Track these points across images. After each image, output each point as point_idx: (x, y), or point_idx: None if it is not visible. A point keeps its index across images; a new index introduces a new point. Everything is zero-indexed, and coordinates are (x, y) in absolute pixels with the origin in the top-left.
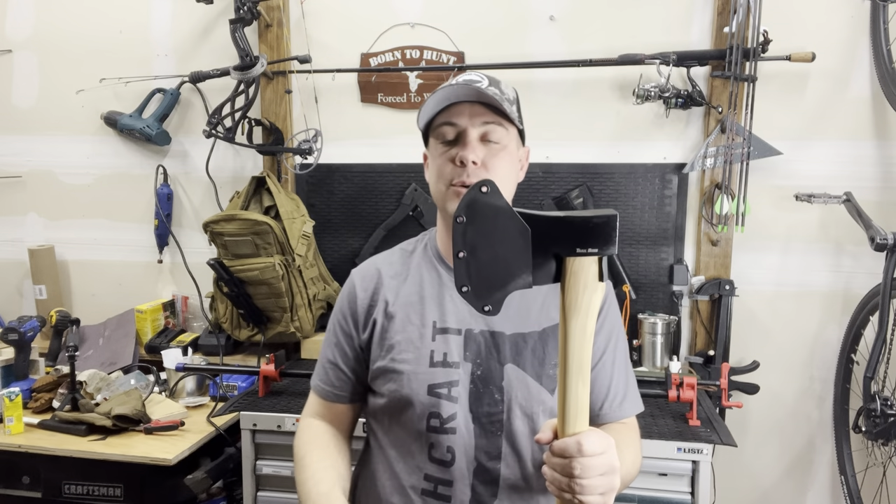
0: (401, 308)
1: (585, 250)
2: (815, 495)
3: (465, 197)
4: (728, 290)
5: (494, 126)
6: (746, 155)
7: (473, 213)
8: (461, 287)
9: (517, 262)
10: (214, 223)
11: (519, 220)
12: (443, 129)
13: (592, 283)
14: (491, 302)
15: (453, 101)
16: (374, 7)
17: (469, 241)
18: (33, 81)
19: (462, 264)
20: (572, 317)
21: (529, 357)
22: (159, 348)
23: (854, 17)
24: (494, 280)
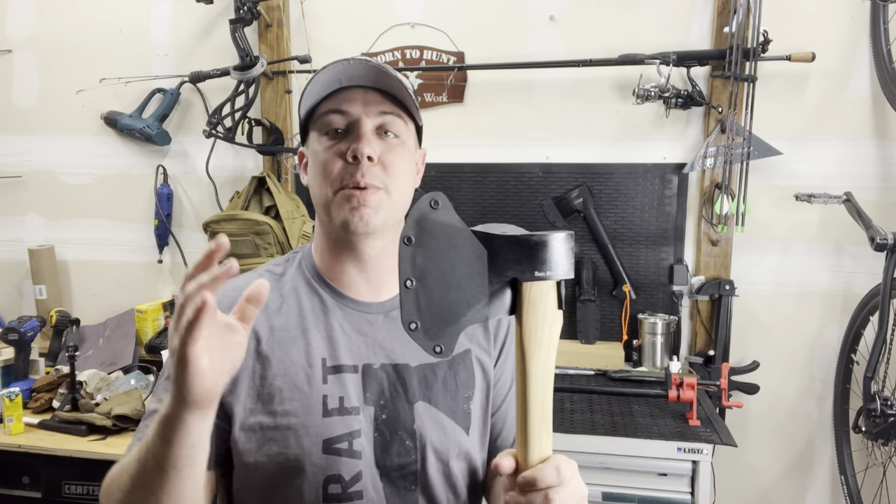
0: (278, 345)
1: (544, 274)
2: (815, 495)
3: (413, 213)
4: (728, 290)
5: (393, 118)
6: (746, 155)
7: (423, 234)
8: (409, 324)
9: (473, 290)
10: (214, 223)
11: (475, 242)
12: (329, 117)
13: (552, 311)
14: (443, 340)
15: (345, 83)
16: (374, 7)
17: (419, 267)
18: (33, 81)
19: (410, 296)
20: (533, 353)
21: (441, 391)
22: (159, 348)
23: (854, 17)
24: (448, 313)
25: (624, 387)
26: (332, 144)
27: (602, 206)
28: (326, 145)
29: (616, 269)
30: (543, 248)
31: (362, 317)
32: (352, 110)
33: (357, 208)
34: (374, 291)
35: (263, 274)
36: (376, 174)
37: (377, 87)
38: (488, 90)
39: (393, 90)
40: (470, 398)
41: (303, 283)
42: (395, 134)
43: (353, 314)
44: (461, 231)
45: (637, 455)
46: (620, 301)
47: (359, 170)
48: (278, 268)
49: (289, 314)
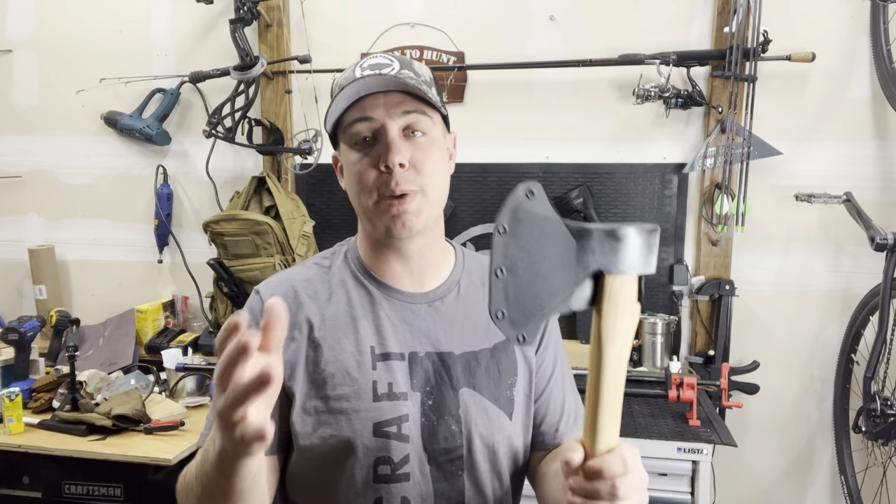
0: (329, 333)
1: (629, 267)
2: (815, 495)
3: (509, 203)
4: (728, 290)
5: (417, 115)
6: (746, 155)
7: (516, 223)
8: (497, 312)
9: (560, 281)
10: (214, 223)
11: (566, 233)
12: (355, 126)
13: (632, 304)
14: (527, 329)
15: (364, 93)
16: (374, 7)
17: (510, 256)
18: (33, 81)
19: (499, 285)
20: (610, 345)
21: (484, 378)
22: (159, 348)
23: (854, 17)
24: (534, 304)
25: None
26: (363, 155)
27: (602, 206)
28: (358, 156)
29: None
30: (631, 241)
31: (407, 307)
32: (375, 115)
33: (398, 216)
34: (418, 283)
35: (311, 266)
36: (410, 178)
37: (398, 89)
38: (488, 90)
39: (412, 88)
40: (513, 385)
41: (349, 276)
42: (422, 132)
43: (399, 305)
44: (554, 222)
45: None
46: None
47: (392, 178)
48: (325, 261)
49: (338, 304)
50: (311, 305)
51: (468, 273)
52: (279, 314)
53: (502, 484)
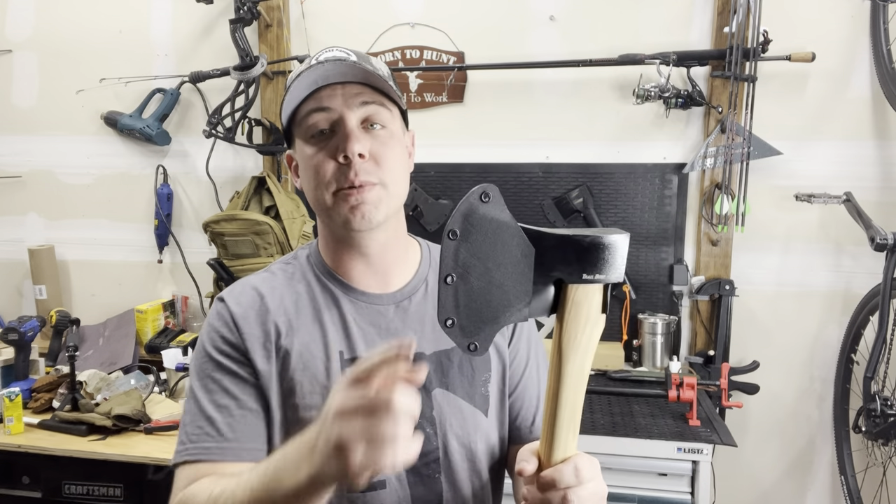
0: (297, 340)
1: (593, 276)
2: (815, 495)
3: (461, 206)
4: (728, 290)
5: (376, 107)
6: (746, 155)
7: (469, 228)
8: (446, 320)
9: (516, 290)
10: (214, 223)
11: (524, 239)
12: (312, 118)
13: (595, 315)
14: (479, 339)
15: (322, 83)
16: (374, 7)
17: (462, 262)
18: (33, 81)
19: (449, 292)
20: (571, 355)
21: (457, 376)
22: (159, 348)
23: (854, 17)
24: (487, 312)
25: (624, 387)
26: (320, 147)
27: (602, 206)
28: (314, 149)
29: None
30: (595, 249)
31: (373, 309)
32: (333, 105)
33: (356, 207)
34: (383, 283)
35: (276, 272)
36: (370, 170)
37: (355, 80)
38: (488, 90)
39: (371, 81)
40: (487, 381)
41: (313, 279)
42: (381, 124)
43: (365, 307)
44: (510, 227)
45: (637, 455)
46: (620, 301)
47: (351, 169)
48: (288, 266)
49: (304, 309)
50: (278, 311)
51: (435, 269)
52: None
53: (481, 481)
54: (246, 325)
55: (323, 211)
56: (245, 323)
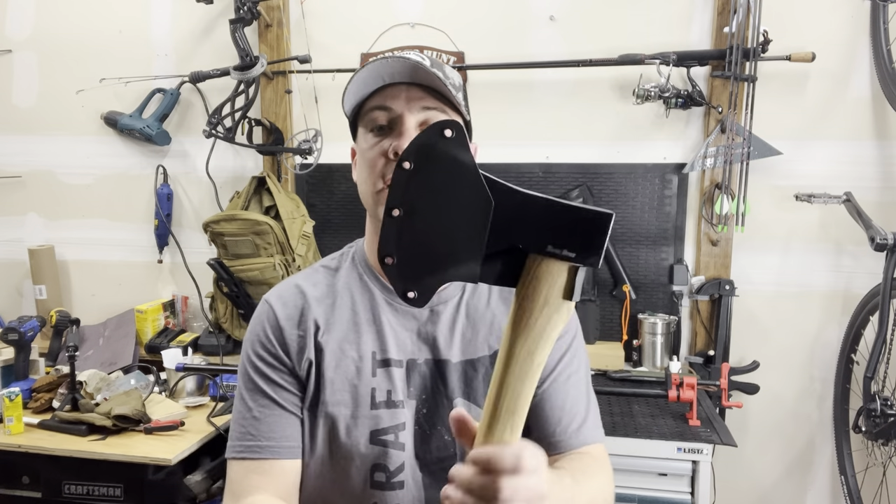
0: (333, 338)
1: (560, 251)
2: (815, 495)
3: (420, 137)
4: (728, 290)
5: (437, 113)
6: (746, 155)
7: (424, 161)
8: (384, 257)
9: (466, 242)
10: (214, 223)
11: (482, 187)
12: (373, 114)
13: (556, 299)
14: (418, 287)
15: (387, 81)
16: (374, 7)
17: (410, 196)
18: (33, 81)
19: (392, 225)
20: (519, 337)
21: (481, 387)
22: (159, 348)
23: (854, 17)
24: (430, 258)
25: (624, 387)
26: (376, 141)
27: (602, 206)
28: (371, 142)
29: (616, 269)
30: (568, 218)
31: (409, 311)
32: (395, 106)
33: None
34: None
35: (319, 270)
36: None
37: (420, 82)
38: (488, 90)
39: (435, 86)
40: None
41: (355, 279)
42: None
43: (401, 309)
44: (469, 170)
45: (637, 455)
46: (620, 301)
47: None
48: (333, 262)
49: (342, 308)
50: (318, 309)
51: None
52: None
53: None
54: (289, 328)
55: (370, 205)
56: (288, 325)
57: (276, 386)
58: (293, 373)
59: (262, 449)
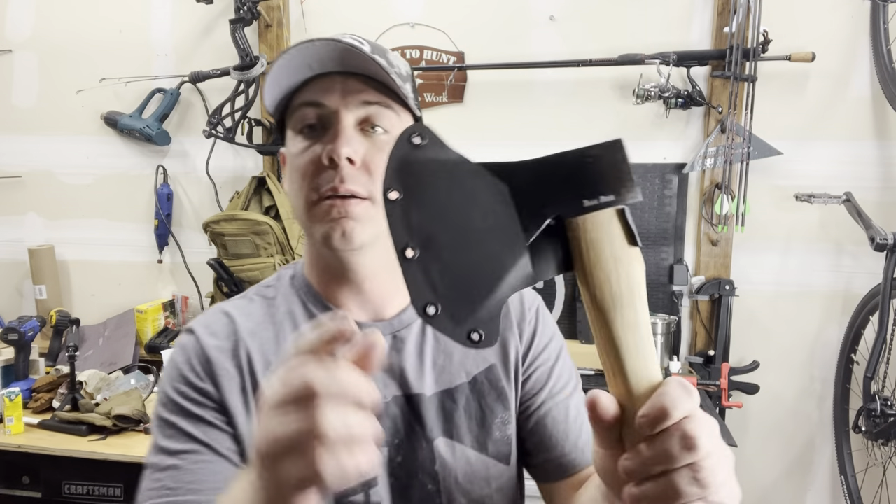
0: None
1: (597, 200)
2: (815, 495)
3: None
4: (728, 290)
5: (380, 108)
6: (746, 155)
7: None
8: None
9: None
10: (214, 223)
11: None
12: (302, 111)
13: (622, 250)
14: (479, 323)
15: (317, 70)
16: (374, 7)
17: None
18: (33, 81)
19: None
20: (616, 312)
21: (464, 421)
22: (159, 348)
23: (854, 17)
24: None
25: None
26: (307, 145)
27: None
28: (301, 146)
29: None
30: (586, 165)
31: None
32: (327, 101)
33: (338, 220)
34: (377, 310)
35: (254, 298)
36: (360, 180)
37: (358, 71)
38: (488, 90)
39: (377, 76)
40: (506, 421)
41: (298, 306)
42: (383, 129)
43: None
44: (465, 166)
45: None
46: None
47: (337, 174)
48: (269, 290)
49: (285, 342)
50: (253, 342)
51: None
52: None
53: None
54: (221, 363)
55: (303, 220)
56: (220, 359)
57: (203, 424)
58: (224, 409)
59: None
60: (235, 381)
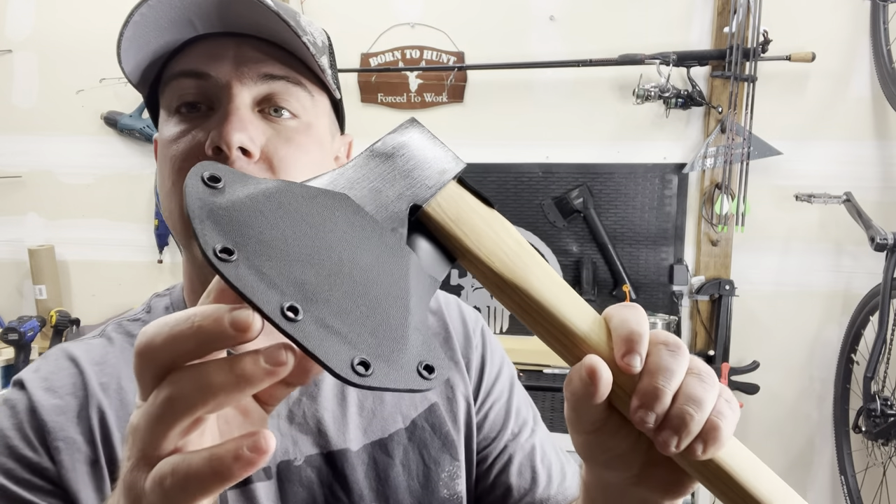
0: None
1: (438, 176)
2: (815, 495)
3: (195, 211)
4: (728, 290)
5: (287, 85)
6: (746, 155)
7: (240, 231)
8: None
9: (384, 252)
10: None
11: (322, 194)
12: (178, 83)
13: (486, 212)
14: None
15: (201, 29)
16: (374, 7)
17: (282, 281)
18: (33, 81)
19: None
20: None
21: (403, 479)
22: None
23: (854, 17)
24: (386, 310)
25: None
26: (184, 129)
27: (602, 206)
28: (176, 131)
29: (616, 269)
30: (403, 150)
31: None
32: (214, 72)
33: None
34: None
35: (113, 337)
36: (257, 175)
37: (260, 35)
38: (488, 90)
39: (286, 42)
40: (454, 474)
41: None
42: (291, 112)
43: None
44: (292, 192)
45: None
46: (620, 301)
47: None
48: (135, 325)
49: None
50: (108, 401)
51: None
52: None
53: None
54: (61, 429)
55: (177, 232)
56: (60, 424)
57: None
58: (64, 492)
59: None
60: (82, 452)
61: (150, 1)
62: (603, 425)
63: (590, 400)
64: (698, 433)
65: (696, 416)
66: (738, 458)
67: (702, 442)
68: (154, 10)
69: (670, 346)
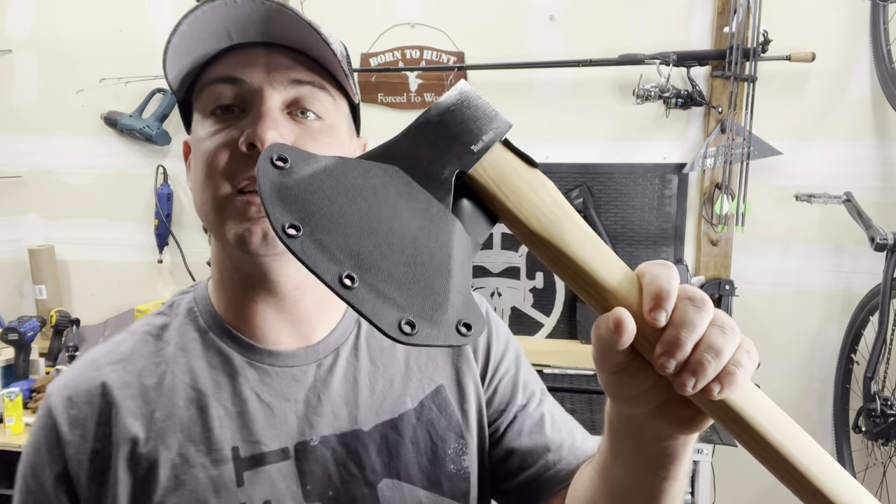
0: (163, 442)
1: (482, 141)
2: None
3: (266, 191)
4: (728, 290)
5: (313, 90)
6: (746, 155)
7: (304, 208)
8: (400, 327)
9: (430, 221)
10: None
11: (375, 166)
12: (216, 88)
13: (530, 177)
14: (459, 312)
15: (236, 39)
16: (374, 7)
17: (341, 253)
18: (33, 81)
19: (365, 295)
20: (562, 230)
21: (412, 455)
22: None
23: (854, 17)
24: (430, 274)
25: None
26: (219, 128)
27: (602, 206)
28: (211, 129)
29: None
30: (452, 116)
31: (286, 374)
32: (249, 78)
33: (256, 220)
34: (302, 336)
35: (136, 335)
36: None
37: (288, 44)
38: (488, 90)
39: (312, 50)
40: (461, 451)
41: (195, 339)
42: (316, 114)
43: (274, 372)
44: (348, 167)
45: None
46: None
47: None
48: (158, 319)
49: (175, 390)
50: (132, 404)
51: None
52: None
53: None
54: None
55: (212, 221)
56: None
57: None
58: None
59: None
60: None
61: (197, 12)
62: (626, 367)
63: (614, 346)
64: (715, 377)
65: (713, 362)
66: (753, 401)
67: (718, 383)
68: (199, 20)
69: (696, 301)
